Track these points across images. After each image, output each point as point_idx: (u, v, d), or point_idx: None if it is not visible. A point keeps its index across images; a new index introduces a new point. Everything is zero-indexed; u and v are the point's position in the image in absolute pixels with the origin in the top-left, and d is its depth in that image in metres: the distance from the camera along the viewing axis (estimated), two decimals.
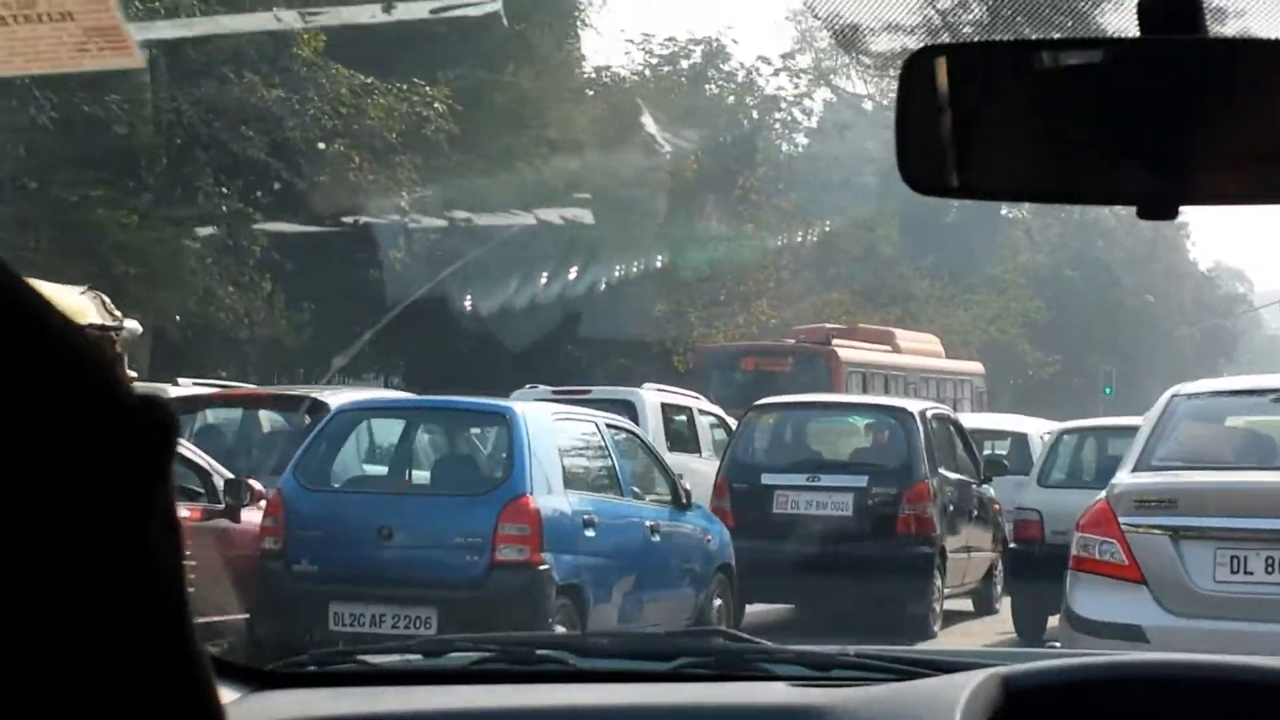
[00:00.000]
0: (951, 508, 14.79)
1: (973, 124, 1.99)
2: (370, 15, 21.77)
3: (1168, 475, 8.18)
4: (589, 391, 17.93)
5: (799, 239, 41.77)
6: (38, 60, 2.13)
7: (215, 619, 10.27)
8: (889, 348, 30.42)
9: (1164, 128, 1.93)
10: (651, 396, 17.94)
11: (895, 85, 1.99)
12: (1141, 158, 1.95)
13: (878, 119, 61.24)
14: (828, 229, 43.95)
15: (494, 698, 2.38)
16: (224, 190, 21.14)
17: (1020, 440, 18.94)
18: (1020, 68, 2.02)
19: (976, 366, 34.81)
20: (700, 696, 2.34)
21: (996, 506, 15.88)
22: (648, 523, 11.78)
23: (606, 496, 11.44)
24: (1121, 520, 8.03)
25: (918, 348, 31.93)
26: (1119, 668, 2.25)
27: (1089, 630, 7.97)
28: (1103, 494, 8.32)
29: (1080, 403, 53.52)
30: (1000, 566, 15.72)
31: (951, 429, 15.81)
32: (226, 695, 2.41)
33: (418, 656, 2.61)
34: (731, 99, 43.12)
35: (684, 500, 12.34)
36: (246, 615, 10.80)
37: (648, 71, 37.87)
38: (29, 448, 0.66)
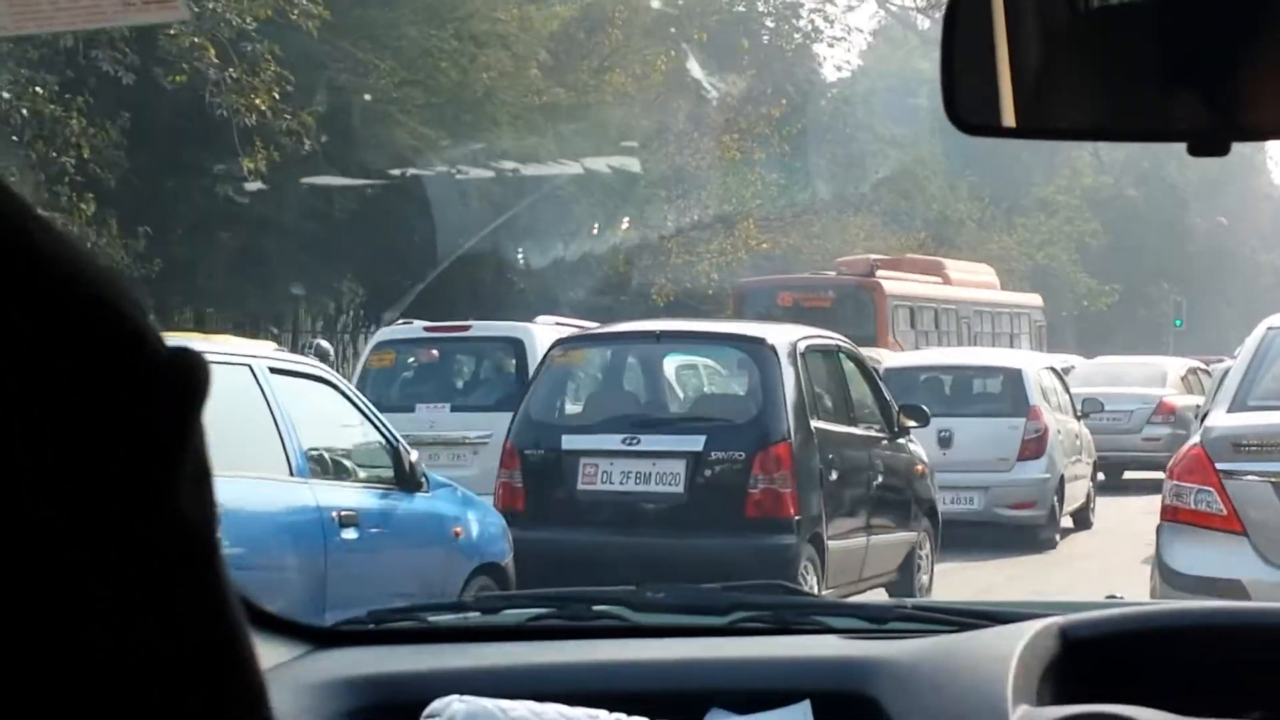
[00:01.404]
0: (835, 476, 10.85)
1: (1020, 61, 1.96)
2: None
3: (1268, 416, 7.57)
4: (468, 328, 14.38)
5: (870, 180, 40.34)
6: (83, 14, 2.14)
7: None
8: (939, 279, 29.06)
9: (1216, 62, 1.90)
10: (545, 332, 13.87)
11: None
12: (1193, 93, 1.92)
13: (931, 36, 60.27)
14: (879, 176, 41.80)
15: (551, 654, 2.39)
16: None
17: (1014, 377, 16.44)
18: (1070, 2, 1.99)
19: (1034, 299, 33.33)
20: (757, 650, 2.35)
21: (920, 469, 12.42)
22: (336, 513, 8.34)
23: (261, 477, 7.93)
24: (1218, 466, 7.54)
25: (970, 279, 30.61)
26: (1179, 615, 2.24)
27: (1185, 586, 7.45)
28: (1196, 437, 7.84)
29: (1147, 336, 51.60)
30: (929, 547, 12.42)
31: (845, 365, 11.90)
32: (287, 652, 2.44)
33: (475, 614, 2.63)
34: (770, 26, 41.01)
35: (415, 479, 8.97)
36: None
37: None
38: (54, 400, 0.65)
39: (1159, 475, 16.87)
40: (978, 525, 15.51)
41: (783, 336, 11.14)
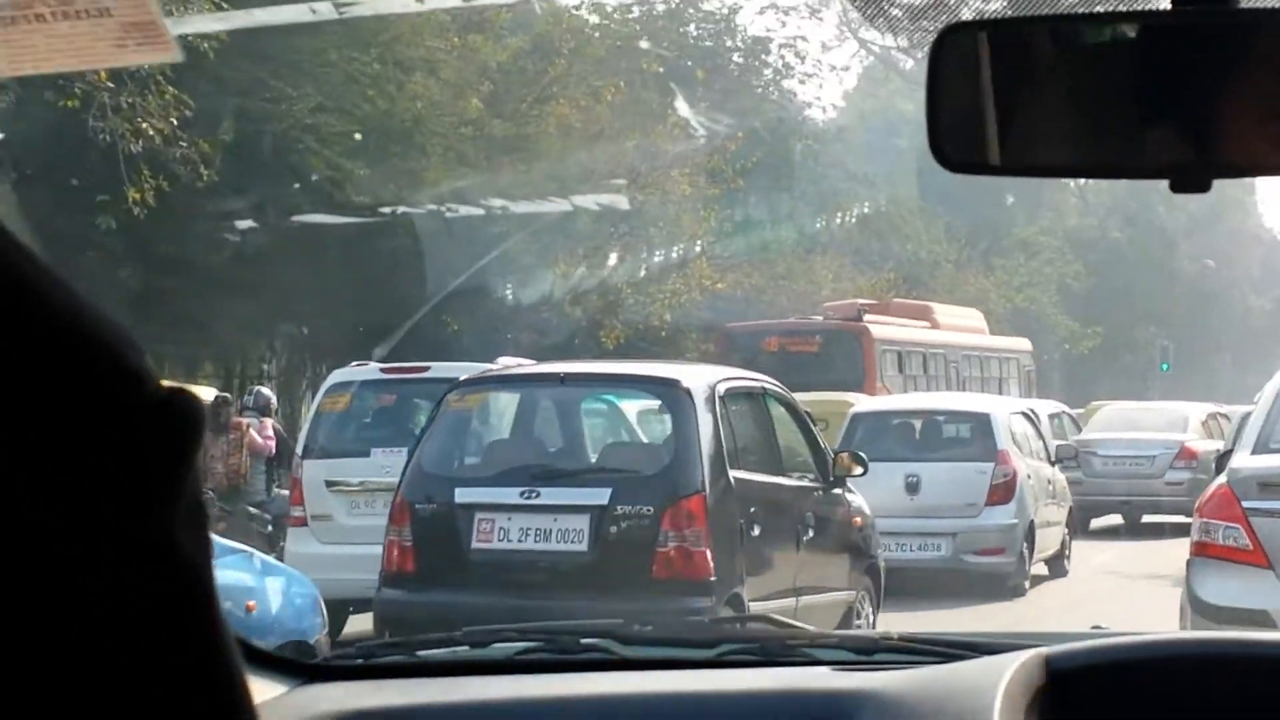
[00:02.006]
0: (758, 531, 9.95)
1: (1004, 100, 1.99)
2: (403, 5, 21.76)
3: None
4: (426, 369, 13.72)
5: (838, 220, 39.64)
6: (77, 56, 2.17)
7: None
8: (927, 324, 29.05)
9: (1196, 99, 1.93)
10: None
11: (928, 36, 1.99)
12: (1174, 130, 1.95)
13: (913, 76, 59.77)
14: (866, 210, 41.11)
15: (539, 687, 2.39)
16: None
17: (983, 422, 16.07)
18: (1052, 42, 2.02)
19: (1023, 343, 33.34)
20: (744, 683, 2.35)
21: (859, 521, 11.52)
22: None
23: None
24: (1245, 504, 8.01)
25: (958, 324, 30.63)
26: (1164, 646, 2.25)
27: (1214, 616, 7.88)
28: (1223, 477, 8.33)
29: (1133, 381, 50.11)
30: (869, 607, 11.46)
31: (773, 410, 11.06)
32: (275, 689, 2.44)
33: (464, 647, 2.63)
34: (738, 61, 39.54)
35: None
36: None
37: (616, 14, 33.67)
38: (52, 441, 0.67)
39: (1180, 519, 17.11)
40: (945, 572, 15.30)
41: (700, 379, 10.29)
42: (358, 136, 21.60)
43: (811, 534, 10.65)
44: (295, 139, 21.28)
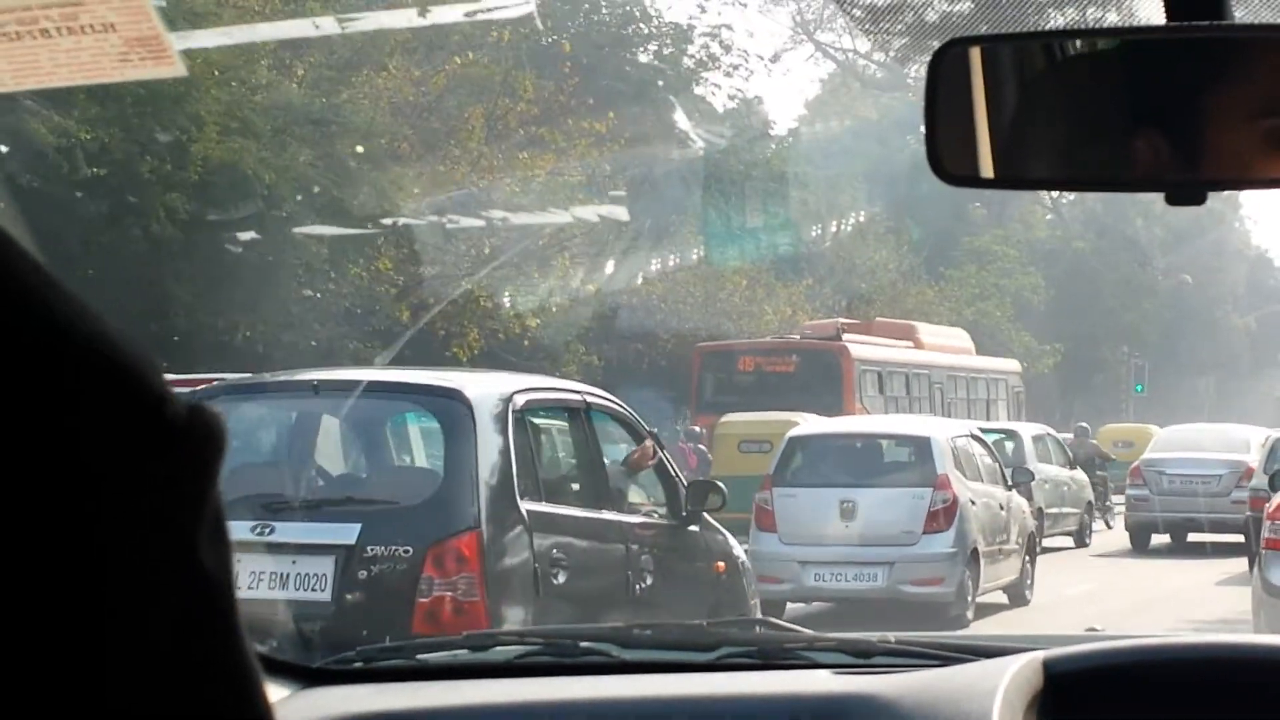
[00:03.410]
0: (562, 578, 8.22)
1: (1002, 115, 2.02)
2: (406, 20, 21.71)
3: None
4: (211, 380, 11.61)
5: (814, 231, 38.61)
6: (81, 71, 2.19)
7: None
8: (910, 343, 28.66)
9: (1191, 113, 1.96)
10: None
11: (890, 39, 2.03)
12: (1169, 144, 1.98)
13: (872, 80, 56.27)
14: (818, 231, 39.44)
15: (539, 690, 2.42)
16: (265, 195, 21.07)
17: (922, 445, 15.51)
18: (1048, 58, 2.05)
19: (1012, 364, 32.92)
20: (743, 686, 2.38)
21: (721, 566, 9.74)
22: None
23: None
24: None
25: (943, 344, 30.14)
26: (1161, 650, 2.28)
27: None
28: None
29: (1105, 402, 48.00)
30: None
31: (597, 428, 9.28)
32: (276, 693, 2.45)
33: (464, 651, 2.65)
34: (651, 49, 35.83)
35: None
36: None
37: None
38: (78, 465, 0.68)
39: (1228, 538, 20.17)
40: (881, 603, 14.56)
41: (489, 388, 8.42)
42: (360, 149, 21.55)
43: (650, 582, 8.90)
44: (295, 152, 21.34)
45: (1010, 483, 16.90)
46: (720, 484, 10.03)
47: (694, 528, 9.55)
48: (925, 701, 2.18)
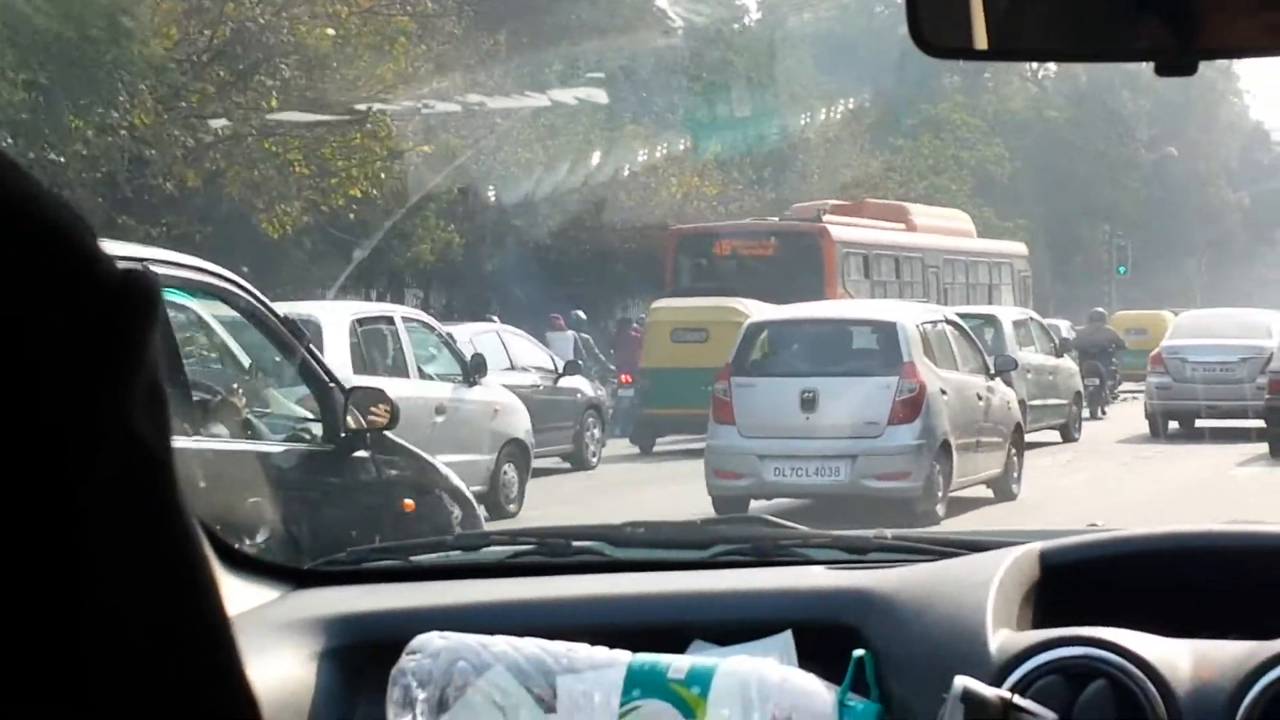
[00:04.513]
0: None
1: None
2: None
3: None
4: None
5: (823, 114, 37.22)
6: None
7: None
8: (901, 225, 27.73)
9: None
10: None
11: None
12: (1160, 11, 1.92)
13: None
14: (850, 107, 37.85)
15: (530, 589, 2.41)
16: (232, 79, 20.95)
17: (887, 331, 14.77)
18: None
19: (1018, 247, 31.74)
20: (737, 582, 2.37)
21: (408, 505, 7.73)
22: None
23: None
24: None
25: (938, 225, 29.13)
26: (1157, 540, 2.26)
27: None
28: None
29: (1082, 284, 45.44)
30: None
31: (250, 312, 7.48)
32: (265, 593, 2.44)
33: (455, 552, 2.64)
34: None
35: None
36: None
37: None
38: (5, 321, 0.66)
39: (1230, 423, 20.77)
40: (844, 499, 13.97)
41: None
42: (331, 32, 21.39)
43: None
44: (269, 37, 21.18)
45: (992, 371, 16.14)
46: (386, 394, 7.74)
47: (362, 453, 7.49)
48: (920, 594, 2.17)
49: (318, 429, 7.37)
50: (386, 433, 7.42)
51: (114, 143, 19.13)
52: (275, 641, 2.22)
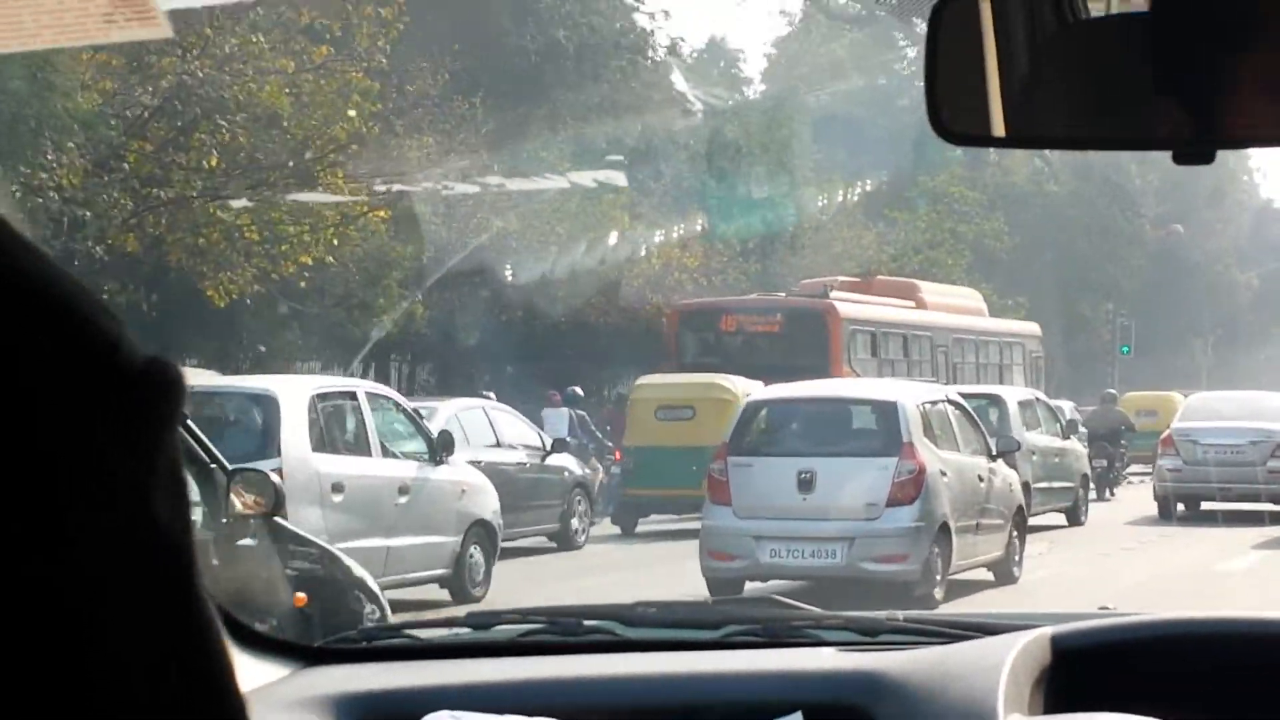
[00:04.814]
0: None
1: (1006, 70, 1.98)
2: None
3: None
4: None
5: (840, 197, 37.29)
6: (65, 33, 2.16)
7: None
8: (911, 303, 27.49)
9: (1201, 69, 1.93)
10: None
11: None
12: (1178, 101, 1.94)
13: (841, 12, 52.91)
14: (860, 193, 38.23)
15: (542, 669, 2.40)
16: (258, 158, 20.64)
17: (887, 411, 14.53)
18: (1055, 11, 2.01)
19: (1030, 327, 31.36)
20: (748, 663, 2.36)
21: (300, 600, 7.51)
22: None
23: None
24: None
25: (949, 303, 28.91)
26: (1169, 626, 2.25)
27: None
28: None
29: (1084, 364, 44.38)
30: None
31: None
32: (276, 671, 2.44)
33: (466, 630, 2.63)
34: None
35: None
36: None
37: None
38: (29, 408, 0.67)
39: (1244, 506, 20.06)
40: (841, 581, 13.56)
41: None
42: (352, 114, 21.11)
43: None
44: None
45: (994, 452, 15.84)
46: (270, 477, 7.37)
47: (248, 541, 7.00)
48: (931, 677, 2.17)
49: (199, 514, 6.76)
50: (281, 520, 6.92)
51: (41, 204, 18.21)
52: None
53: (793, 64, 51.85)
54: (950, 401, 15.78)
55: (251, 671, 2.37)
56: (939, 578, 14.09)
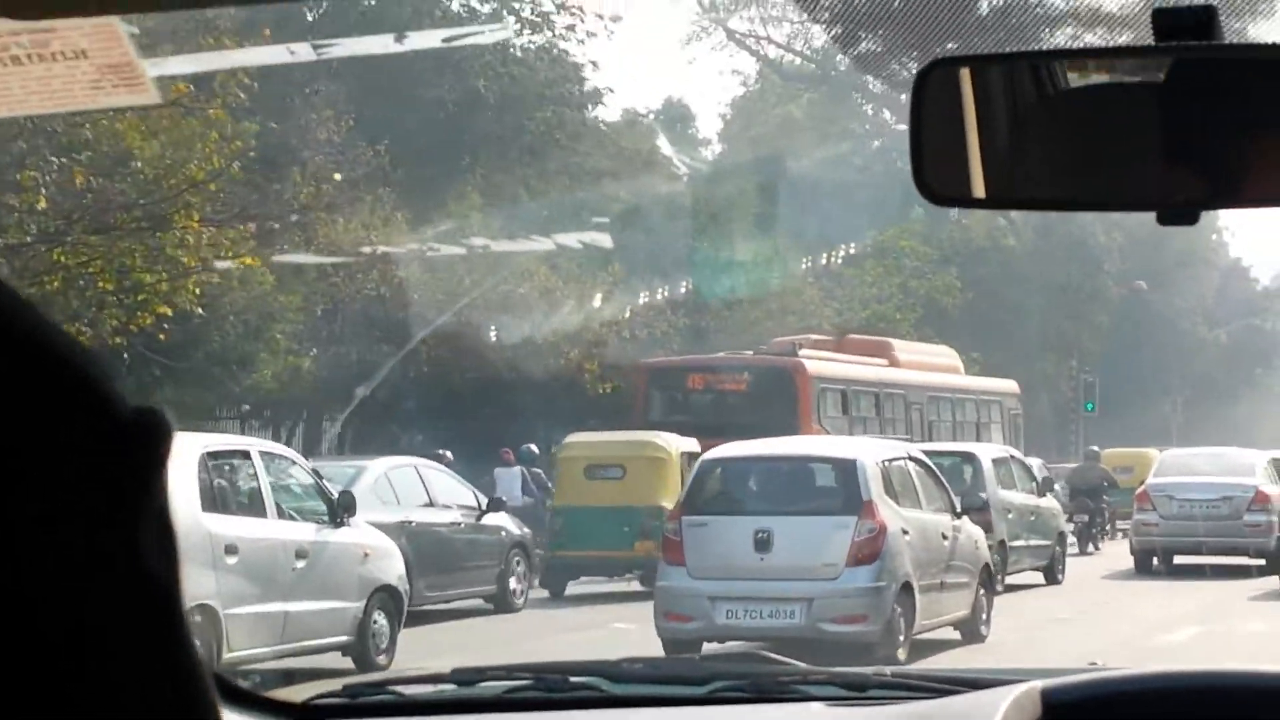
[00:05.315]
0: None
1: (989, 134, 2.00)
2: (383, 46, 21.47)
3: None
4: None
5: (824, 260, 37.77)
6: (53, 99, 2.16)
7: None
8: (884, 361, 27.32)
9: (1181, 133, 1.95)
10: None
11: (811, 22, 1.99)
12: (1160, 163, 1.96)
13: (794, 72, 53.77)
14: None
15: None
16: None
17: (846, 469, 14.24)
18: (1036, 78, 2.03)
19: (1008, 385, 31.13)
20: (736, 719, 2.33)
21: None
22: None
23: None
24: None
25: (923, 361, 28.71)
26: (1158, 680, 2.25)
27: None
28: None
29: (1047, 422, 43.64)
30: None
31: None
32: None
33: (451, 686, 2.61)
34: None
35: None
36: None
37: None
38: (19, 456, 0.68)
39: (1221, 560, 20.67)
40: (799, 642, 12.99)
41: None
42: (337, 177, 20.89)
43: None
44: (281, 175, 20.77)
45: (958, 510, 15.63)
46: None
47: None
48: None
49: None
50: None
51: None
52: None
53: (748, 124, 51.95)
54: (912, 458, 15.55)
55: (220, 710, 2.35)
56: (902, 638, 13.90)
